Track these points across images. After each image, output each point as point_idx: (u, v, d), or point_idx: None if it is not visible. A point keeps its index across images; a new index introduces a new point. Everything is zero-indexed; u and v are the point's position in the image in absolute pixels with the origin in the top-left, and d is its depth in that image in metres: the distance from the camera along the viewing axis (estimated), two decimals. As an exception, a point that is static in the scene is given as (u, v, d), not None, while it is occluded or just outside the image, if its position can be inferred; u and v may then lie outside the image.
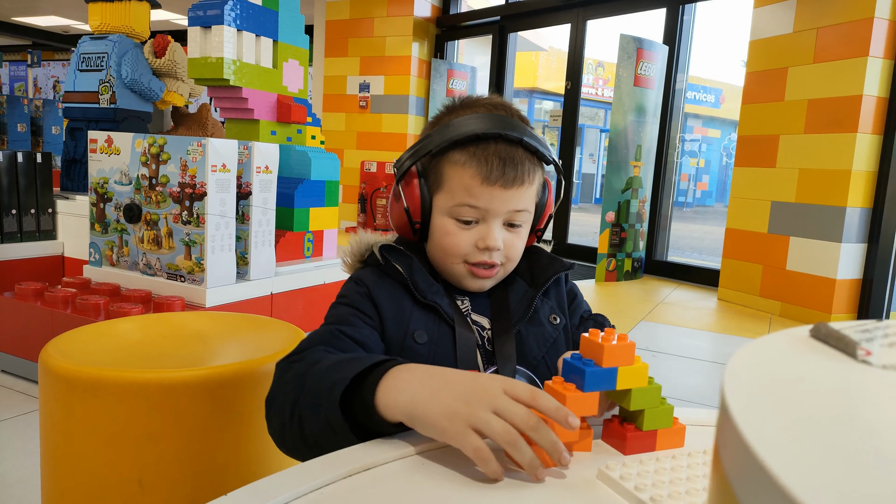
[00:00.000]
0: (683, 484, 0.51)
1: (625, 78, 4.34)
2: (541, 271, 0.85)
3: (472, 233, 0.78)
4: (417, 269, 0.78)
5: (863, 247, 3.46)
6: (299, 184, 2.61)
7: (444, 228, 0.78)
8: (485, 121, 0.76)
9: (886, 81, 3.33)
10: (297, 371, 0.65)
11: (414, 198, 0.79)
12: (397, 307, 0.77)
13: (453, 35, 6.47)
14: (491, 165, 0.75)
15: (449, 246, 0.78)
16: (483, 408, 0.53)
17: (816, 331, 0.32)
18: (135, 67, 2.94)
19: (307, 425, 0.61)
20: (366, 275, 0.81)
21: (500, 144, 0.76)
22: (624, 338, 0.56)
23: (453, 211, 0.78)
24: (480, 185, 0.75)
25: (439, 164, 0.78)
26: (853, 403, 0.25)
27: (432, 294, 0.77)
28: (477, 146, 0.76)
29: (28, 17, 9.74)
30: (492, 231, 0.77)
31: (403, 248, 0.81)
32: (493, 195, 0.76)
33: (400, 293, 0.78)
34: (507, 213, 0.78)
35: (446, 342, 0.76)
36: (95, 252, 2.29)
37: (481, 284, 0.80)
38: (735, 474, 0.21)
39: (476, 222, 0.78)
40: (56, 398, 0.95)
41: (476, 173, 0.75)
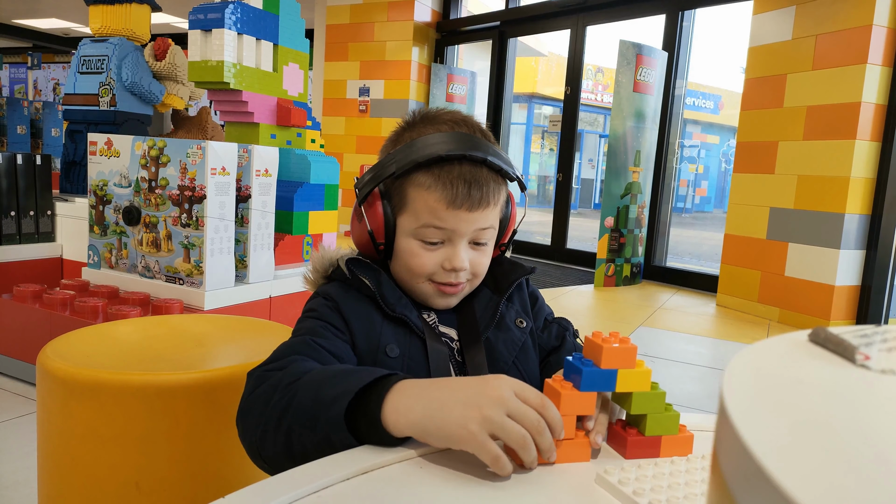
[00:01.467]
0: (682, 489, 0.51)
1: (624, 84, 4.35)
2: (503, 277, 0.85)
3: (437, 253, 0.77)
4: (385, 283, 0.78)
5: (861, 253, 3.46)
6: (299, 187, 2.61)
7: (409, 250, 0.78)
8: (448, 141, 0.75)
9: (885, 88, 3.34)
10: (279, 381, 0.63)
11: (377, 219, 0.78)
12: (367, 321, 0.76)
13: (453, 40, 6.48)
14: (456, 189, 0.74)
15: (415, 266, 0.78)
16: (497, 411, 0.53)
17: (815, 335, 0.32)
18: (135, 70, 2.94)
19: (297, 439, 0.59)
20: (332, 289, 0.79)
21: (464, 166, 0.75)
22: (626, 341, 0.56)
23: (418, 232, 0.77)
24: (446, 209, 0.74)
25: (403, 185, 0.77)
26: (852, 408, 0.25)
27: (401, 307, 0.77)
28: (441, 168, 0.74)
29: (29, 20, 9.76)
30: (458, 252, 0.77)
31: (370, 262, 0.80)
32: (458, 218, 0.75)
33: (368, 307, 0.77)
34: (473, 232, 0.77)
35: (418, 355, 0.76)
36: (94, 254, 2.28)
37: (448, 302, 0.80)
38: (734, 479, 0.21)
39: (441, 243, 0.77)
40: (54, 400, 0.95)
41: (441, 197, 0.74)
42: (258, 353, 1.06)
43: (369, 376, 0.59)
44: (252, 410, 0.64)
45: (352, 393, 0.57)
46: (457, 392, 0.56)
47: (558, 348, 0.86)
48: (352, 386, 0.58)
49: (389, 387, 0.58)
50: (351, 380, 0.58)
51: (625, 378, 0.56)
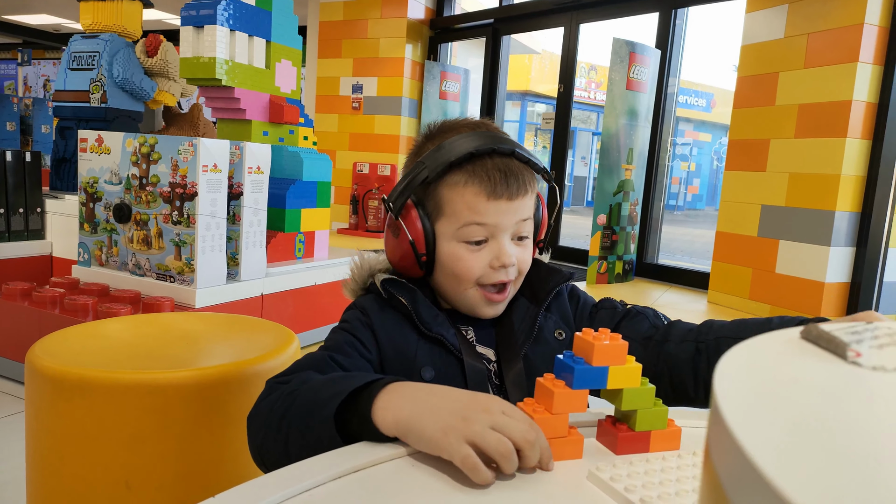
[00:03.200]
0: (673, 485, 0.51)
1: (617, 81, 4.36)
2: (540, 285, 0.83)
3: (483, 253, 0.76)
4: (421, 302, 0.77)
5: (851, 250, 3.48)
6: (291, 184, 2.60)
7: (453, 254, 0.77)
8: (475, 138, 0.76)
9: (876, 87, 3.36)
10: (286, 389, 0.64)
11: (416, 229, 0.77)
12: (401, 341, 0.76)
13: (446, 37, 6.48)
14: (494, 179, 0.74)
15: (462, 271, 0.76)
16: (480, 424, 0.53)
17: (807, 332, 0.32)
18: (126, 67, 2.92)
19: (294, 440, 0.60)
20: (369, 304, 0.79)
21: (495, 159, 0.75)
22: (616, 337, 0.56)
23: (460, 233, 0.76)
24: (487, 201, 0.74)
25: (436, 189, 0.77)
26: (844, 404, 0.25)
27: (437, 326, 0.76)
28: (473, 164, 0.75)
29: (19, 16, 9.68)
30: (504, 246, 0.76)
31: (405, 281, 0.79)
32: (499, 209, 0.75)
33: (404, 326, 0.77)
34: (515, 224, 0.77)
35: (454, 375, 0.74)
36: (84, 252, 2.27)
37: (495, 310, 0.79)
38: (726, 475, 0.21)
39: (485, 241, 0.76)
40: (43, 399, 0.94)
41: (480, 190, 0.75)
42: (250, 351, 1.06)
43: (363, 379, 0.60)
44: (257, 417, 0.65)
45: (344, 393, 0.58)
46: (447, 400, 0.56)
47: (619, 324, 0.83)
48: (345, 387, 0.58)
49: (382, 387, 0.58)
50: (346, 382, 0.59)
51: (616, 375, 0.56)
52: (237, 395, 0.98)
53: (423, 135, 0.84)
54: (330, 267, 2.70)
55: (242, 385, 0.98)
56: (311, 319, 2.59)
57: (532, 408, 0.56)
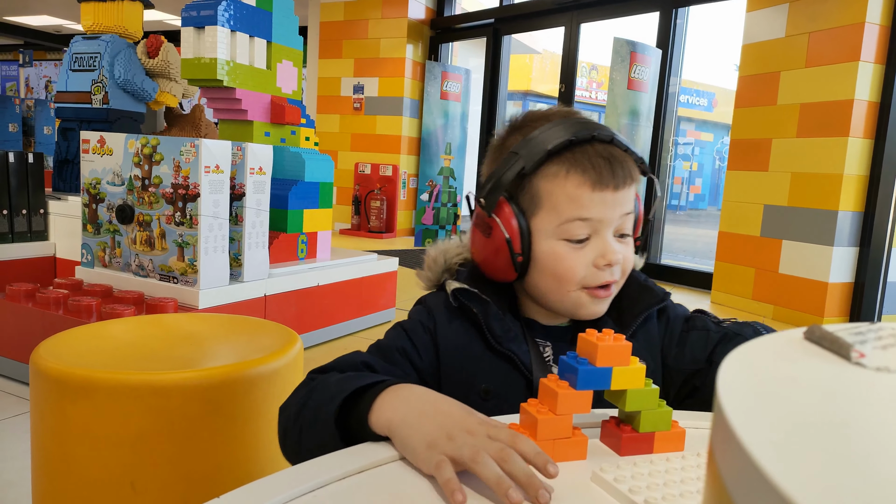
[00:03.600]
0: (678, 486, 0.51)
1: (618, 81, 4.36)
2: (630, 306, 0.75)
3: (586, 251, 0.70)
4: (494, 314, 0.71)
5: (854, 250, 3.48)
6: (293, 185, 2.61)
7: (554, 253, 0.70)
8: (570, 126, 0.69)
9: (877, 86, 3.36)
10: (312, 385, 0.65)
11: (512, 227, 0.70)
12: (465, 352, 0.71)
13: (447, 37, 6.48)
14: (598, 168, 0.68)
15: (565, 271, 0.69)
16: (463, 443, 0.51)
17: (810, 333, 0.32)
18: (128, 67, 2.93)
19: (305, 436, 0.61)
20: (438, 306, 0.74)
21: (596, 146, 0.69)
22: (620, 338, 0.57)
23: (561, 230, 0.69)
24: (591, 192, 0.68)
25: (532, 182, 0.70)
26: (847, 405, 0.25)
27: (509, 341, 0.70)
28: (573, 152, 0.68)
29: (20, 17, 9.69)
30: (609, 243, 0.69)
31: (478, 292, 0.72)
32: (604, 201, 0.68)
33: (470, 336, 0.72)
34: (619, 218, 0.70)
35: (517, 393, 0.69)
36: (87, 253, 2.27)
37: (599, 309, 0.72)
38: (731, 476, 0.21)
39: (587, 238, 0.70)
40: (47, 400, 0.94)
41: (583, 180, 0.68)
42: (253, 352, 1.06)
43: (368, 379, 0.60)
44: (285, 408, 0.66)
45: (347, 392, 0.58)
46: (439, 414, 0.55)
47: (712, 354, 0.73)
48: (350, 386, 0.59)
49: (385, 388, 0.58)
50: (353, 382, 0.60)
51: (619, 376, 0.56)
52: (241, 396, 0.98)
53: (506, 126, 0.77)
54: (332, 268, 2.70)
55: (246, 386, 0.98)
56: (313, 320, 2.60)
57: (536, 409, 0.57)
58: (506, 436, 0.52)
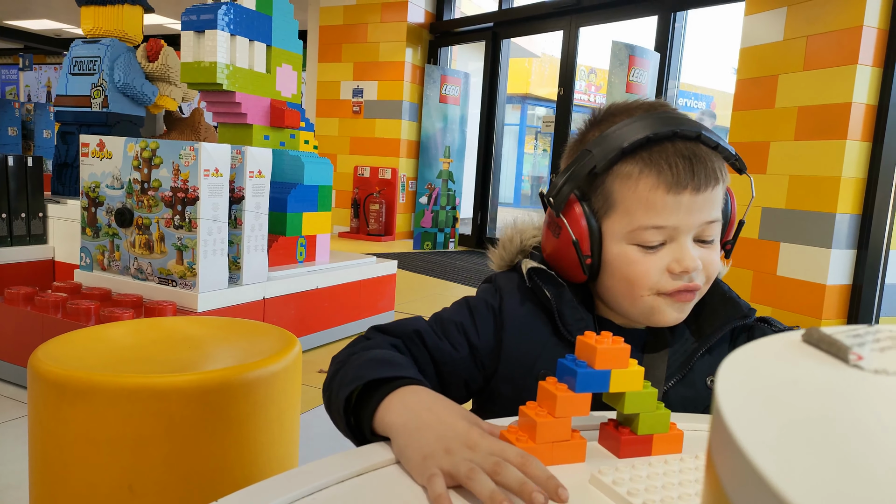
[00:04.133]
0: (676, 489, 0.51)
1: (617, 84, 4.37)
2: (709, 317, 0.70)
3: (660, 256, 0.65)
4: (568, 301, 0.68)
5: (852, 253, 3.48)
6: (292, 188, 2.61)
7: (625, 257, 0.66)
8: (651, 121, 0.64)
9: (875, 89, 3.37)
10: (355, 349, 0.65)
11: (581, 228, 0.66)
12: (530, 336, 0.69)
13: (447, 41, 6.49)
14: (676, 168, 0.63)
15: (636, 276, 0.65)
16: (460, 458, 0.50)
17: (808, 336, 0.32)
18: (127, 71, 2.93)
19: (332, 402, 0.62)
20: (508, 286, 0.72)
21: (677, 143, 0.64)
22: (618, 341, 0.57)
23: (633, 236, 0.65)
24: (666, 195, 0.63)
25: (605, 182, 0.66)
26: (845, 407, 0.25)
27: (578, 330, 0.66)
28: (650, 151, 0.64)
29: (20, 21, 9.70)
30: (686, 249, 0.64)
31: (555, 274, 0.70)
32: (681, 205, 0.63)
33: (538, 320, 0.69)
34: (699, 226, 0.65)
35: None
36: (86, 256, 2.27)
37: (677, 315, 0.67)
38: (729, 479, 0.21)
39: (662, 244, 0.65)
40: (45, 403, 0.94)
41: (658, 182, 0.63)
42: (252, 355, 1.06)
43: (384, 374, 0.59)
44: (333, 363, 0.66)
45: (364, 379, 0.58)
46: (440, 424, 0.53)
47: None
48: (370, 374, 0.59)
49: (398, 386, 0.58)
50: (374, 370, 0.59)
51: (618, 378, 0.56)
52: (240, 399, 0.98)
53: (587, 121, 0.73)
54: (331, 270, 2.70)
55: (245, 389, 0.98)
56: (312, 323, 2.59)
57: (535, 411, 0.57)
58: (515, 457, 0.49)
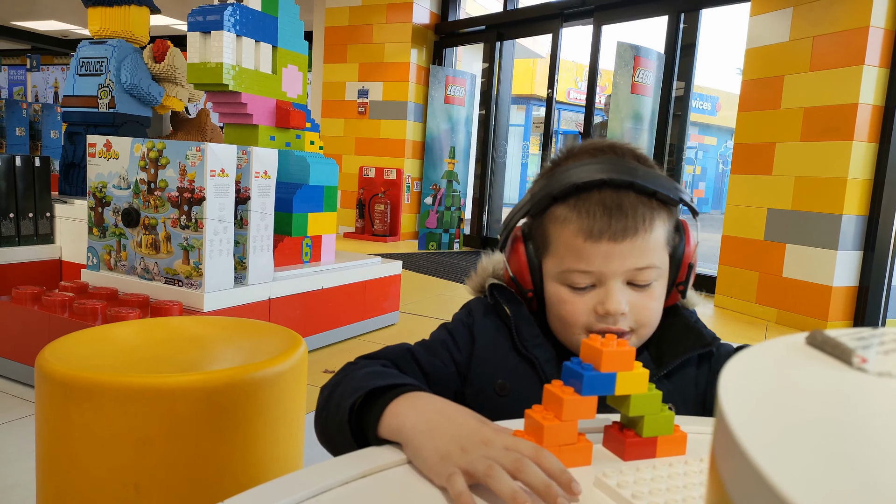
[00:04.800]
0: (680, 492, 0.51)
1: (621, 85, 4.36)
2: (670, 347, 0.72)
3: (589, 297, 0.67)
4: (525, 318, 0.72)
5: (859, 254, 3.47)
6: (298, 189, 2.61)
7: (557, 297, 0.69)
8: (587, 168, 0.67)
9: (882, 90, 3.35)
10: (347, 372, 0.66)
11: (521, 264, 0.71)
12: (493, 349, 0.72)
13: (451, 42, 6.49)
14: (594, 217, 0.65)
15: (566, 315, 0.68)
16: (477, 455, 0.50)
17: (812, 338, 0.32)
18: (134, 72, 2.94)
19: (329, 424, 0.62)
20: (477, 307, 0.76)
21: (605, 192, 0.66)
22: (623, 343, 0.57)
23: (563, 277, 0.68)
24: (585, 243, 0.66)
25: (543, 222, 0.70)
26: (849, 410, 0.25)
27: (535, 347, 0.70)
28: (578, 198, 0.66)
29: (27, 22, 9.75)
30: (612, 294, 0.66)
31: (514, 292, 0.73)
32: (601, 252, 0.65)
33: (501, 335, 0.72)
34: (625, 272, 0.66)
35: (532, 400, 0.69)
36: (93, 256, 2.28)
37: None
38: (732, 481, 0.21)
39: (593, 286, 0.68)
40: (52, 403, 0.95)
41: (578, 229, 0.66)
42: (257, 355, 1.06)
43: (386, 381, 0.60)
44: (322, 390, 0.67)
45: (365, 389, 0.59)
46: (452, 424, 0.54)
47: None
48: (371, 384, 0.60)
49: (401, 393, 0.59)
50: (376, 380, 0.60)
51: (623, 381, 0.56)
52: (245, 399, 0.98)
53: (551, 160, 0.75)
54: (337, 271, 2.70)
55: (250, 389, 0.98)
56: (318, 323, 2.60)
57: (541, 415, 0.57)
58: (528, 449, 0.50)
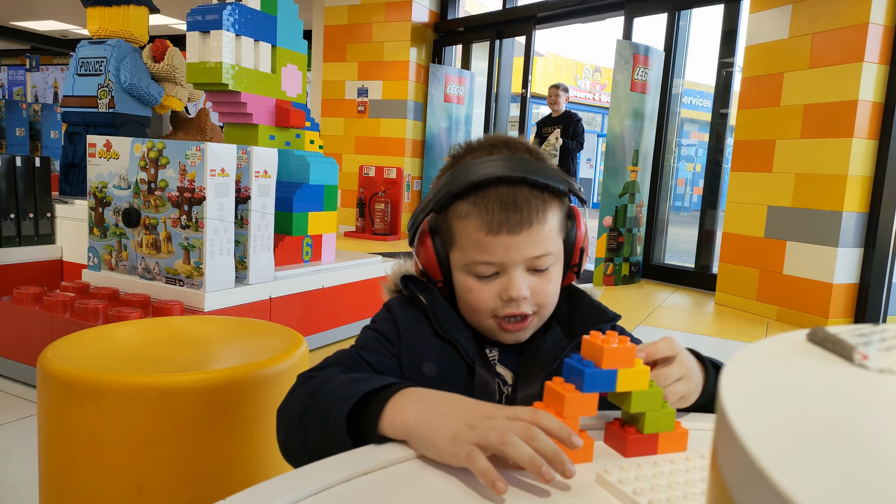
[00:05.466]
0: (682, 488, 0.51)
1: (621, 83, 4.36)
2: (579, 320, 0.78)
3: (494, 285, 0.73)
4: (439, 302, 0.76)
5: (859, 251, 3.47)
6: (298, 188, 2.61)
7: (465, 286, 0.74)
8: (484, 165, 0.72)
9: (882, 86, 3.35)
10: (312, 385, 0.66)
11: (430, 258, 0.76)
12: (415, 335, 0.76)
13: (451, 40, 6.49)
14: (492, 213, 0.70)
15: (474, 302, 0.74)
16: (487, 429, 0.53)
17: (813, 335, 0.33)
18: (134, 72, 2.94)
19: (311, 436, 0.62)
20: (394, 302, 0.80)
21: (501, 188, 0.71)
22: (625, 340, 0.57)
23: (468, 268, 0.74)
24: (486, 237, 0.71)
25: (447, 218, 0.75)
26: (850, 407, 0.25)
27: (453, 329, 0.75)
28: (477, 194, 0.71)
29: (26, 22, 9.75)
30: (514, 280, 0.71)
31: (426, 281, 0.78)
32: (501, 244, 0.71)
33: (421, 323, 0.76)
34: (524, 260, 0.72)
35: (458, 380, 0.73)
36: (94, 256, 2.28)
37: (516, 337, 0.75)
38: (733, 478, 0.21)
39: (497, 274, 0.73)
40: (54, 403, 0.95)
41: (479, 224, 0.71)
42: (258, 354, 1.06)
43: (379, 382, 0.61)
44: (284, 410, 0.67)
45: (356, 396, 0.59)
46: (453, 407, 0.57)
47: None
48: (360, 390, 0.60)
49: (393, 392, 0.59)
50: (361, 385, 0.61)
51: (625, 377, 0.57)
52: (246, 398, 0.98)
53: (451, 156, 0.80)
54: (337, 270, 2.70)
55: (252, 388, 0.98)
56: (318, 322, 2.60)
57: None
58: (526, 413, 0.54)
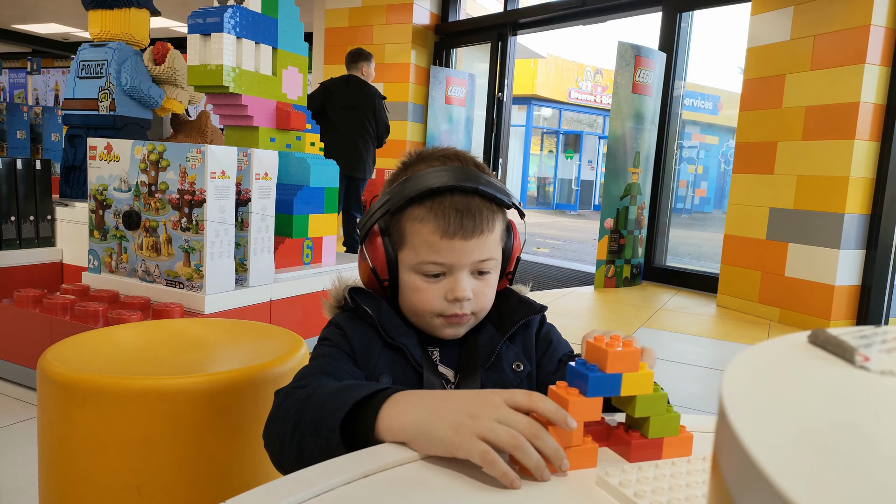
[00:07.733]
0: (683, 490, 0.51)
1: (623, 85, 4.36)
2: (509, 315, 0.83)
3: (440, 286, 0.78)
4: (386, 312, 0.80)
5: (861, 253, 3.46)
6: (298, 190, 2.61)
7: (412, 285, 0.79)
8: (440, 174, 0.77)
9: (883, 88, 3.35)
10: (302, 395, 0.66)
11: (379, 256, 0.80)
12: (367, 348, 0.78)
13: (452, 43, 6.49)
14: (448, 219, 0.75)
15: (419, 302, 0.78)
16: (487, 418, 0.54)
17: (815, 337, 0.32)
18: (134, 75, 2.94)
19: (306, 446, 0.62)
20: (341, 319, 0.82)
21: (455, 196, 0.76)
22: (629, 344, 0.56)
23: (418, 268, 0.78)
24: (440, 240, 0.76)
25: (400, 220, 0.79)
26: (851, 409, 0.25)
27: (400, 335, 0.78)
28: (433, 200, 0.76)
29: (28, 25, 9.77)
30: (459, 282, 0.77)
31: (372, 292, 0.82)
32: (453, 248, 0.76)
33: (370, 334, 0.79)
34: (471, 264, 0.78)
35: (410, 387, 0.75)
36: (94, 259, 2.28)
37: (455, 332, 0.80)
38: (734, 480, 0.21)
39: (443, 274, 0.78)
40: (54, 405, 0.95)
41: (435, 228, 0.76)
42: (259, 356, 1.06)
43: (369, 389, 0.62)
44: (274, 423, 0.67)
45: (350, 404, 0.60)
46: (450, 401, 0.58)
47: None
48: (352, 397, 0.60)
49: (386, 398, 0.60)
50: (354, 392, 0.61)
51: (629, 381, 0.56)
52: (247, 401, 0.98)
53: (402, 162, 0.85)
54: (338, 272, 2.70)
55: (252, 390, 0.98)
56: (319, 325, 2.59)
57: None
58: (522, 397, 0.56)
